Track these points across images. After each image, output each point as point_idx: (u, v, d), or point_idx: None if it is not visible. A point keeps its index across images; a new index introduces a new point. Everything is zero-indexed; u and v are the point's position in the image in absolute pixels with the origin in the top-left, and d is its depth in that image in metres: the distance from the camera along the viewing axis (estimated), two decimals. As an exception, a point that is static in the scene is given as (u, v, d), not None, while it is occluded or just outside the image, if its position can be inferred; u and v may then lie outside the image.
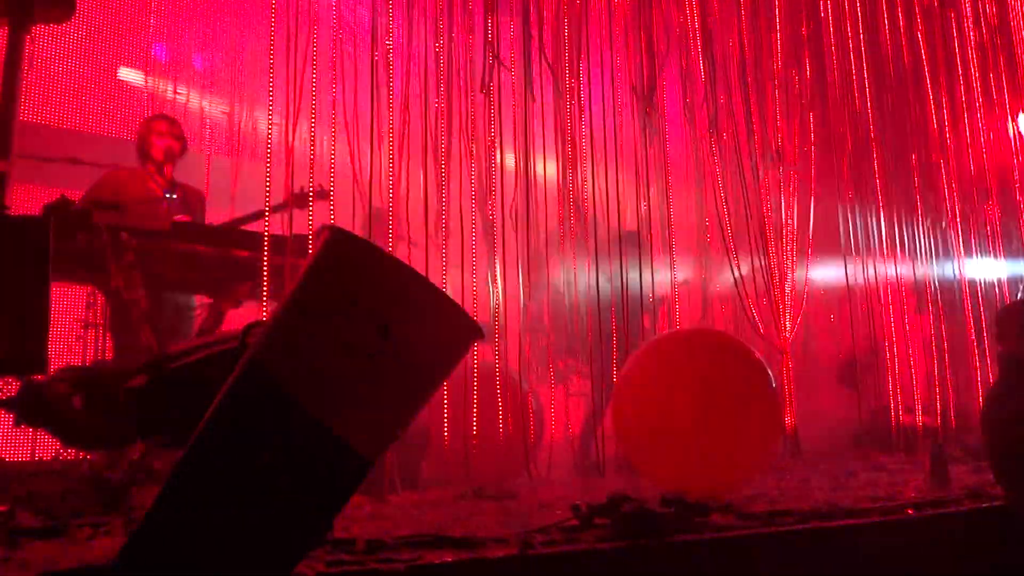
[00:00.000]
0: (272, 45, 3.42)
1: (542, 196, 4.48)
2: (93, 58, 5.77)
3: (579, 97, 4.46)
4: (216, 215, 4.04)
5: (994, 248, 5.79)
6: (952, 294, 5.58)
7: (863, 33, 5.67)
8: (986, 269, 5.73)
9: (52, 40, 5.42)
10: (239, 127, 5.83)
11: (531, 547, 1.93)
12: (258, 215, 3.51)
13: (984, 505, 2.70)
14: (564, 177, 4.44)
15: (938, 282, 5.55)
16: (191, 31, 6.01)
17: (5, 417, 2.95)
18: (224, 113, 5.76)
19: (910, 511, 2.57)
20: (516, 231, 4.19)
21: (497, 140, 4.16)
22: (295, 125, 3.49)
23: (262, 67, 3.48)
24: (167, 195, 3.87)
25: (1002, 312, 3.49)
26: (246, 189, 4.02)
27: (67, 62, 5.59)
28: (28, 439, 4.31)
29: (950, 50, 5.89)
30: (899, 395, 5.17)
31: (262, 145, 3.52)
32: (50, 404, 2.40)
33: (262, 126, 3.56)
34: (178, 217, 3.75)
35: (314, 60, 3.55)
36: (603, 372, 4.34)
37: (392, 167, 3.72)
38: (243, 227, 3.67)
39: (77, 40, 5.61)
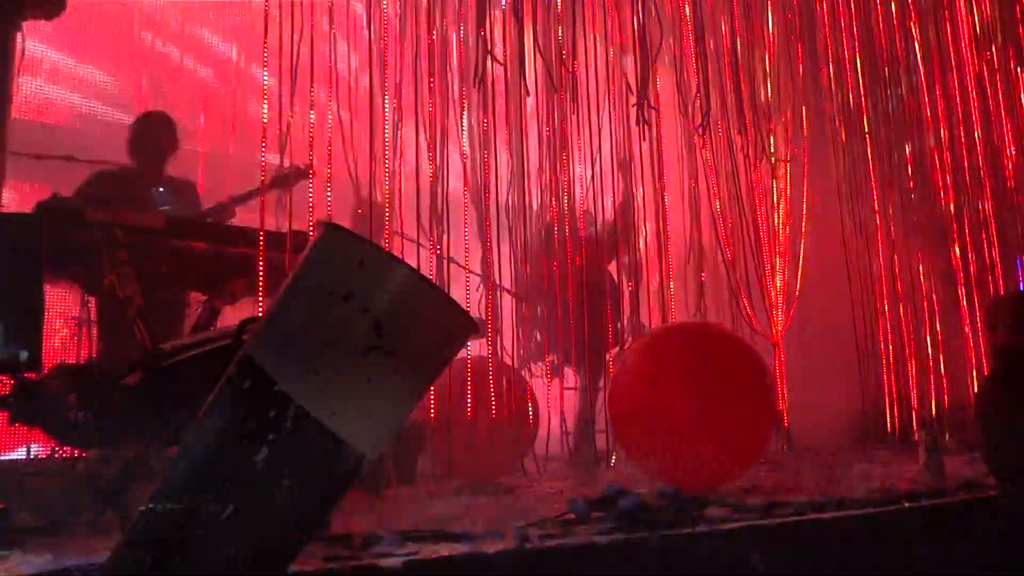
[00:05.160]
0: (266, 40, 3.40)
1: (536, 190, 4.48)
2: (85, 53, 5.75)
3: (573, 90, 4.46)
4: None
5: (988, 239, 5.80)
6: (947, 285, 5.59)
7: (856, 24, 5.68)
8: (980, 260, 5.75)
9: (43, 35, 5.39)
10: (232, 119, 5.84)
11: (528, 541, 1.93)
12: (253, 194, 3.50)
13: (978, 497, 2.71)
14: (557, 171, 4.44)
15: (933, 273, 5.56)
16: (183, 25, 6.00)
17: (-1, 416, 2.94)
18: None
19: (904, 503, 2.58)
20: (510, 224, 4.19)
21: (491, 133, 4.15)
22: (289, 120, 3.48)
23: (256, 61, 3.46)
24: (156, 189, 3.86)
25: (994, 303, 3.50)
26: (240, 184, 4.01)
27: (59, 57, 5.57)
28: (23, 437, 4.30)
29: (943, 42, 5.90)
30: (894, 387, 5.19)
31: (255, 138, 3.51)
32: (44, 402, 2.39)
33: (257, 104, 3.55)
34: (164, 209, 3.74)
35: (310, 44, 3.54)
36: (597, 366, 4.35)
37: (386, 162, 3.71)
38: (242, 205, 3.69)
39: (69, 35, 5.58)
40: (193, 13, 6.05)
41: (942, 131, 5.69)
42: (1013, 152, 5.73)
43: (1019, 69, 5.74)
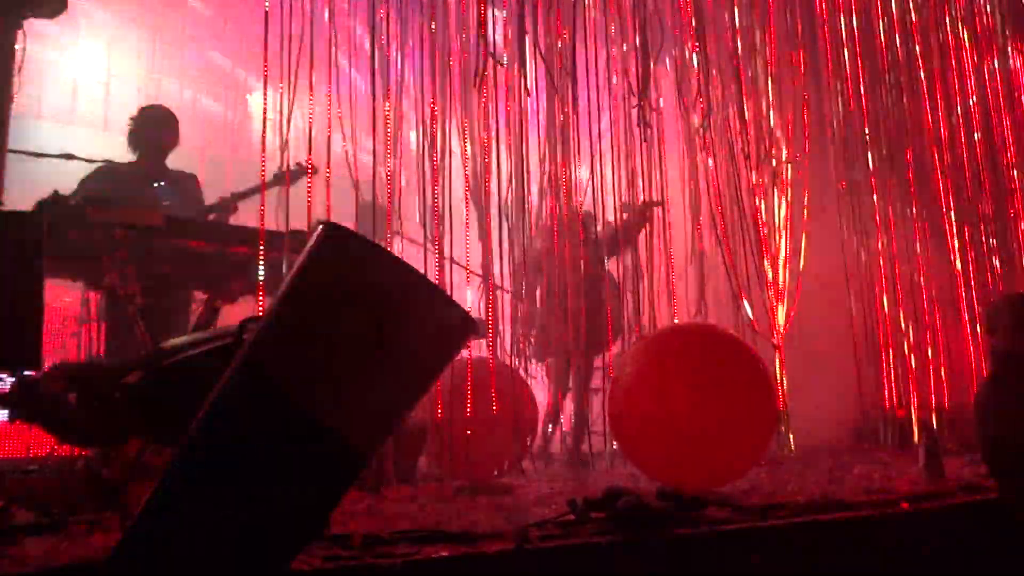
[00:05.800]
0: (266, 35, 3.40)
1: (536, 190, 4.48)
2: (87, 52, 5.75)
3: (573, 91, 4.45)
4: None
5: (987, 240, 5.80)
6: (946, 287, 5.59)
7: (857, 25, 5.68)
8: (980, 262, 5.74)
9: (45, 34, 5.40)
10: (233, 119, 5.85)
11: (528, 542, 1.93)
12: (255, 190, 3.51)
13: (978, 498, 2.71)
14: (557, 171, 4.44)
15: (933, 275, 5.56)
16: (184, 24, 6.00)
17: (-1, 414, 2.95)
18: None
19: (904, 504, 2.58)
20: (510, 225, 4.19)
21: (492, 133, 4.15)
22: (289, 119, 3.48)
23: (256, 59, 3.46)
24: (155, 184, 3.86)
25: (994, 305, 3.50)
26: (240, 183, 4.01)
27: (61, 56, 5.57)
28: (23, 435, 4.30)
29: (944, 43, 5.90)
30: (894, 389, 5.19)
31: (257, 136, 3.52)
32: (45, 401, 2.39)
33: (256, 104, 3.57)
34: (166, 204, 3.75)
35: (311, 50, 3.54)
36: (596, 367, 4.35)
37: (387, 162, 3.71)
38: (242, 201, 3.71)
39: (71, 34, 5.59)
40: (194, 9, 6.06)
41: (942, 131, 5.70)
42: (1012, 151, 5.74)
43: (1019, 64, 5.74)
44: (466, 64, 4.26)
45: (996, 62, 5.80)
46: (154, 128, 3.92)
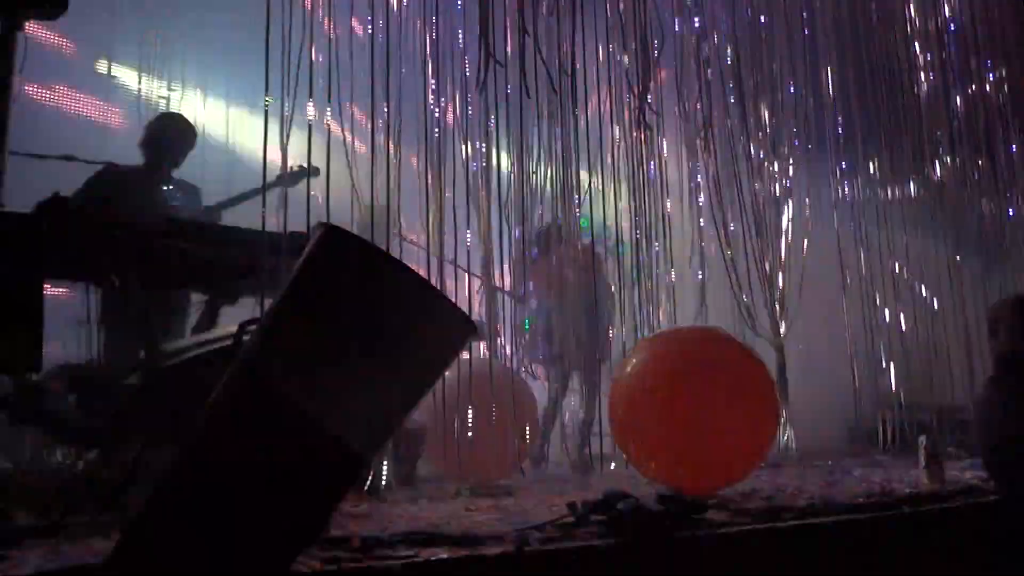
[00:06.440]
0: (267, 37, 3.40)
1: (537, 193, 4.48)
2: (88, 53, 5.75)
3: (573, 94, 4.45)
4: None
5: (989, 242, 5.81)
6: (947, 289, 5.59)
7: (859, 28, 5.69)
8: (981, 264, 5.75)
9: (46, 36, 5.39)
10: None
11: (527, 544, 1.93)
12: (255, 193, 3.51)
13: (978, 502, 2.71)
14: (558, 174, 4.43)
15: (933, 277, 5.57)
16: (185, 24, 5.99)
17: (-1, 416, 2.94)
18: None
19: (904, 508, 2.58)
20: (511, 228, 4.19)
21: (493, 137, 4.15)
22: (290, 121, 3.47)
23: (256, 60, 3.45)
24: (163, 187, 3.87)
25: (995, 308, 3.49)
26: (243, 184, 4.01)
27: (61, 57, 5.56)
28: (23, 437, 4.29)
29: (945, 45, 5.90)
30: (894, 391, 5.19)
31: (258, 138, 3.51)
32: (45, 403, 2.39)
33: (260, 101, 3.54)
34: (172, 206, 3.76)
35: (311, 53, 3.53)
36: (593, 368, 4.35)
37: (388, 164, 3.71)
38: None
39: (72, 35, 5.58)
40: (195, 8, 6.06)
41: (942, 131, 5.71)
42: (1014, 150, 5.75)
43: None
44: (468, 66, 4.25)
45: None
46: (172, 138, 3.93)
